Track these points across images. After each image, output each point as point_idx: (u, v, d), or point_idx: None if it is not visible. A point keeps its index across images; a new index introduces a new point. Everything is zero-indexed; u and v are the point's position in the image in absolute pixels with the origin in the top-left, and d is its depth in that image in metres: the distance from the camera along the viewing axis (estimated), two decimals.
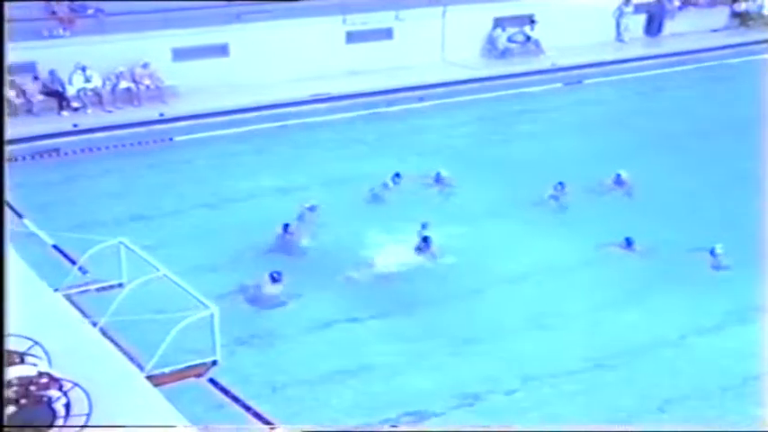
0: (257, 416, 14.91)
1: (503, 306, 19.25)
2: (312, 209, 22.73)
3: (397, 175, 24.92)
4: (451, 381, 16.81)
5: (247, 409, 15.06)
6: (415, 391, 16.46)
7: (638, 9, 40.34)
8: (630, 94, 35.03)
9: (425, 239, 21.12)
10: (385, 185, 24.67)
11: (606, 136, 29.55)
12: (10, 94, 28.93)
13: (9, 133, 25.99)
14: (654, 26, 41.08)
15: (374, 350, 17.68)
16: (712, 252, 20.46)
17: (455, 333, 18.22)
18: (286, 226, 21.75)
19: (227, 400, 15.24)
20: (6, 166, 12.34)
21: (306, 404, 16.03)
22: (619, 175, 24.70)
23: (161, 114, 30.05)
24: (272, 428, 14.57)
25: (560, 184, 23.92)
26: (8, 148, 25.27)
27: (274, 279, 19.06)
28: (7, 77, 28.17)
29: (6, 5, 30.08)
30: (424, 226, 21.48)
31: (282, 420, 14.86)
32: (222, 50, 32.84)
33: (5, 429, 11.70)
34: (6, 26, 28.89)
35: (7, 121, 26.41)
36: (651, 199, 24.26)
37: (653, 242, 21.45)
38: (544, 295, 19.61)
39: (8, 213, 21.58)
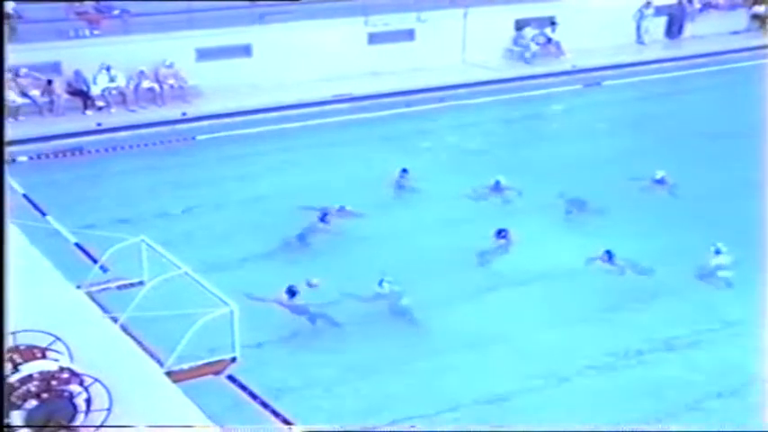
0: (275, 413, 15.06)
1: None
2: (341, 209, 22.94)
3: (405, 170, 25.13)
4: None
5: (265, 406, 15.20)
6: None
7: (658, 11, 40.33)
8: (650, 97, 35.02)
9: (500, 232, 21.35)
10: (397, 182, 25.01)
11: (625, 138, 29.62)
12: (34, 92, 29.28)
13: (34, 131, 26.76)
14: (674, 28, 41.04)
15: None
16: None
17: None
18: (324, 215, 22.05)
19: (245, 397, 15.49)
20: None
21: None
22: (661, 176, 24.87)
23: (184, 114, 30.30)
24: (289, 428, 14.70)
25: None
26: (33, 146, 26.03)
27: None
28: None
29: (34, 7, 30.68)
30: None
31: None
32: (245, 51, 33.07)
33: (16, 429, 11.94)
34: (30, 27, 29.53)
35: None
36: (672, 201, 24.43)
37: (665, 243, 21.61)
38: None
39: (30, 211, 22.08)
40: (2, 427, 11.25)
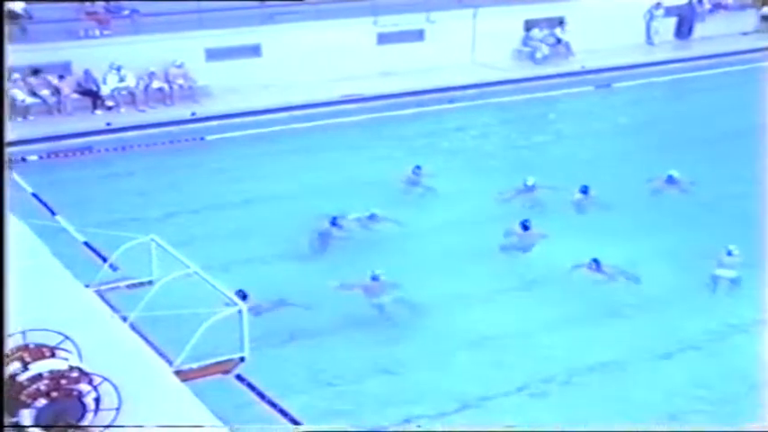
0: (283, 413, 15.06)
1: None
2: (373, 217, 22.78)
3: (418, 167, 25.16)
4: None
5: (273, 405, 15.21)
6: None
7: (668, 12, 40.34)
8: (660, 98, 35.04)
9: (525, 225, 21.54)
10: (410, 180, 25.06)
11: (636, 139, 29.59)
12: (44, 92, 29.37)
13: (44, 131, 26.81)
14: (684, 29, 41.03)
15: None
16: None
17: None
18: (334, 219, 21.93)
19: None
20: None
21: None
22: (671, 176, 24.82)
23: (193, 114, 30.36)
24: (296, 427, 14.69)
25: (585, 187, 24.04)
26: (43, 146, 26.11)
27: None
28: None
29: (45, 7, 30.79)
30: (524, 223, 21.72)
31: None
32: (255, 51, 33.13)
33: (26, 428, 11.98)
34: (41, 27, 29.69)
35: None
36: (684, 201, 24.42)
37: (677, 243, 21.61)
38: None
39: (39, 210, 22.12)
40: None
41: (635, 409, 15.82)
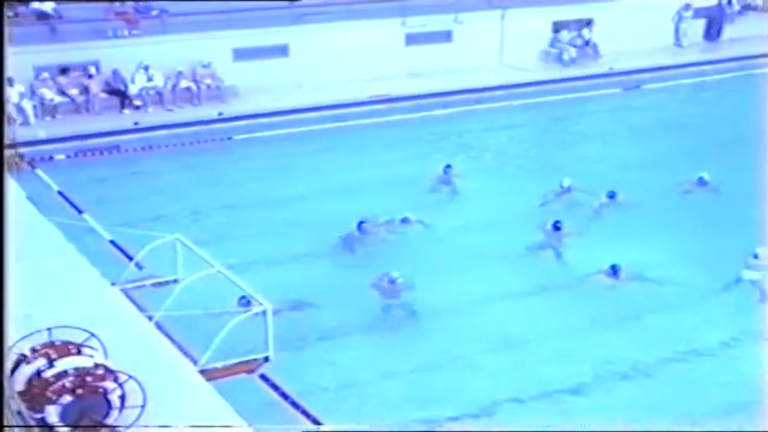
0: (305, 414, 15.07)
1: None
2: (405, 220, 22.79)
3: (449, 166, 25.36)
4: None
5: (296, 406, 15.21)
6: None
7: (697, 14, 40.14)
8: (688, 99, 34.86)
9: (557, 226, 21.62)
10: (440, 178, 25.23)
11: (663, 141, 29.44)
12: (72, 91, 29.52)
13: (72, 130, 26.94)
14: (713, 31, 40.79)
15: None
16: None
17: None
18: (360, 224, 21.90)
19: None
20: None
21: None
22: (701, 178, 24.89)
23: (220, 113, 30.44)
24: (318, 427, 14.70)
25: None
26: (71, 144, 26.24)
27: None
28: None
29: (74, 7, 31.07)
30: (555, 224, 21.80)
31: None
32: (282, 51, 33.17)
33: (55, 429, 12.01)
34: (70, 27, 29.91)
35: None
36: (713, 203, 24.33)
37: (706, 245, 21.53)
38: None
39: (66, 209, 22.21)
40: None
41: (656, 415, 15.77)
